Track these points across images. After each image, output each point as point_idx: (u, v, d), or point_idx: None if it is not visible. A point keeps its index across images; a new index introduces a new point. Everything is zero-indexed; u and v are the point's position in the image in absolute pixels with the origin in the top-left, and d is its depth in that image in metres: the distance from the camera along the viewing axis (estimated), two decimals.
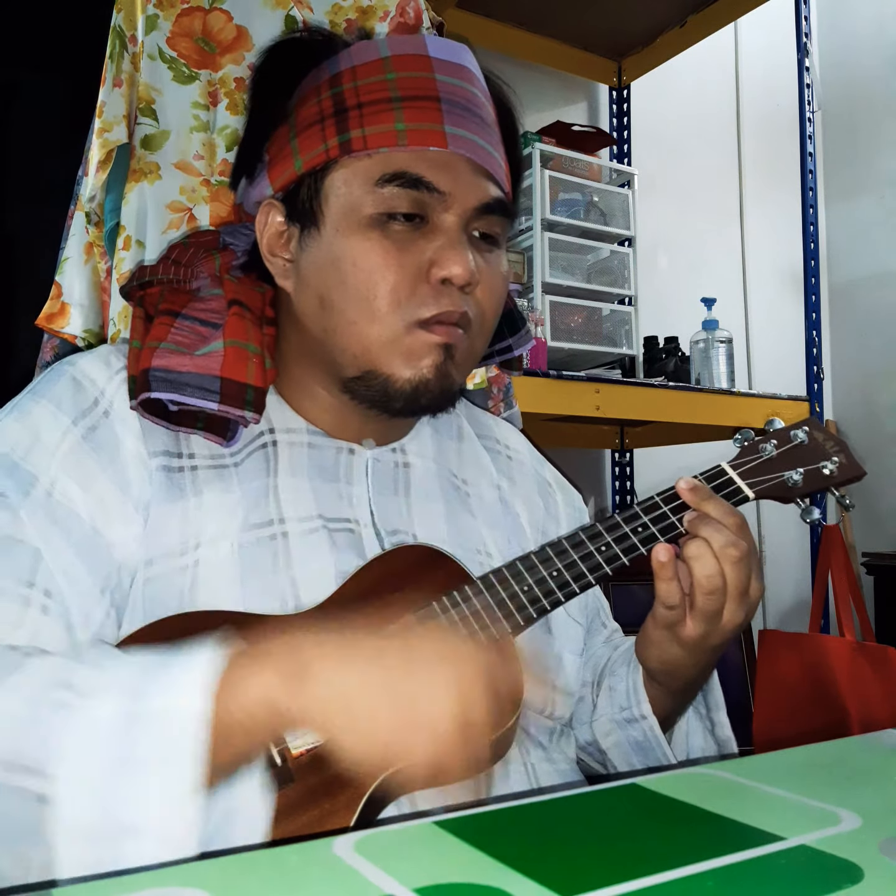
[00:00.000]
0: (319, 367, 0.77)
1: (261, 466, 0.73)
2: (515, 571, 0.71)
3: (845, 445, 0.81)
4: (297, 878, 0.38)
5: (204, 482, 0.71)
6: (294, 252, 0.76)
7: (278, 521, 0.71)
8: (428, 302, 0.70)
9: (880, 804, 0.45)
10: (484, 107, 0.76)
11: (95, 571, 0.66)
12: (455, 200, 0.71)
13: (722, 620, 0.70)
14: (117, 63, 1.11)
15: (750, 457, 0.78)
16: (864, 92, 2.97)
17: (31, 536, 0.64)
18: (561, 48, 2.40)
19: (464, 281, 0.71)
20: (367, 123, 0.71)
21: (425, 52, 0.74)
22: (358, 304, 0.71)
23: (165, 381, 0.69)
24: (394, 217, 0.70)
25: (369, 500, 0.76)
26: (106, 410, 0.71)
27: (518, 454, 0.93)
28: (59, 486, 0.66)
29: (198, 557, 0.68)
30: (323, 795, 0.60)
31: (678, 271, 2.64)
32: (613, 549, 0.73)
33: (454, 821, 0.44)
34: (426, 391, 0.72)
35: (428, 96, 0.72)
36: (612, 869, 0.38)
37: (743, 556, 0.69)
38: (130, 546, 0.67)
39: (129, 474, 0.69)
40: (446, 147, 0.71)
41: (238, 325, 0.74)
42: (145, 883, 0.37)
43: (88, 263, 1.15)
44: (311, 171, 0.73)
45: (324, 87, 0.74)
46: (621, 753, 0.82)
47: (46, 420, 0.69)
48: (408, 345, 0.71)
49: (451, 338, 0.72)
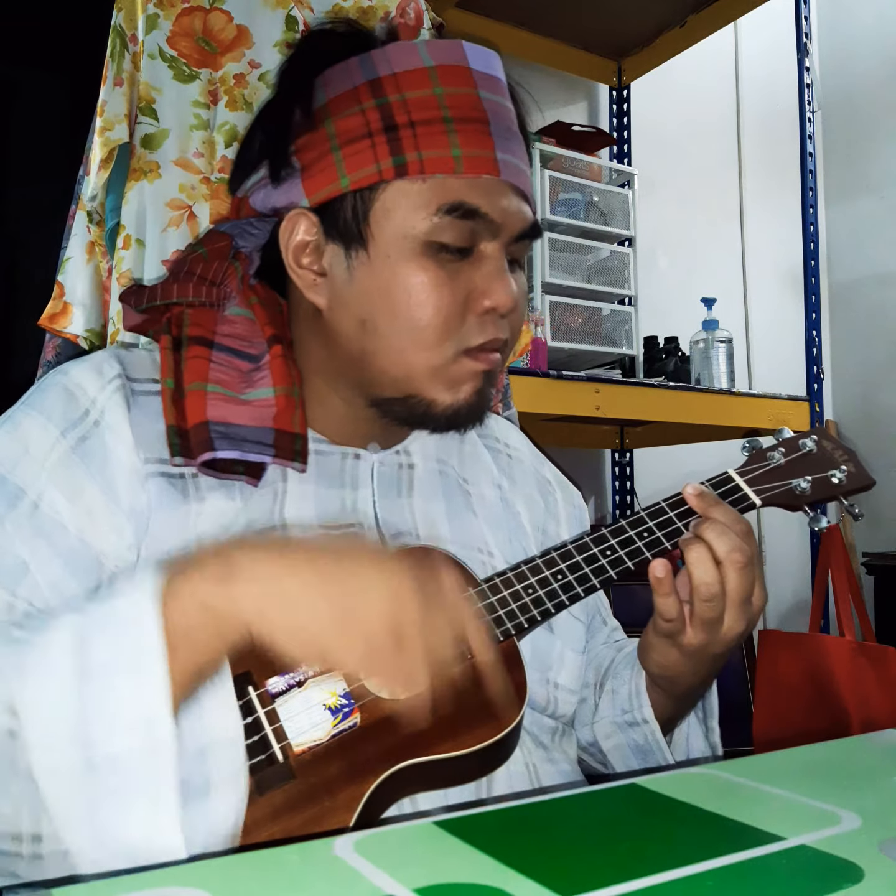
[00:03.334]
0: (344, 382, 0.76)
1: (267, 474, 0.73)
2: (520, 575, 0.71)
3: (854, 455, 0.80)
4: (297, 878, 0.38)
5: (206, 489, 0.70)
6: (327, 267, 0.74)
7: (281, 527, 0.71)
8: (475, 331, 0.72)
9: (880, 804, 0.45)
10: (514, 119, 0.76)
11: (83, 581, 0.65)
12: (503, 229, 0.72)
13: (723, 628, 0.70)
14: (118, 62, 1.11)
15: (757, 464, 0.78)
16: (864, 92, 2.97)
17: (17, 548, 0.64)
18: (561, 48, 2.40)
19: (508, 310, 0.72)
20: (422, 146, 0.69)
21: (466, 64, 0.72)
22: (409, 333, 0.71)
23: (226, 438, 0.68)
24: (446, 247, 0.70)
25: (374, 503, 0.77)
26: (97, 420, 0.70)
27: (518, 452, 0.93)
28: (46, 499, 0.66)
29: None
30: (324, 793, 0.61)
31: (678, 271, 2.64)
32: (619, 553, 0.73)
33: (454, 821, 0.44)
34: (466, 414, 0.74)
35: (477, 118, 0.71)
36: (612, 869, 0.38)
37: (748, 563, 0.69)
38: (123, 555, 0.67)
39: (119, 484, 0.68)
40: (499, 175, 0.71)
41: (283, 368, 0.73)
42: (145, 883, 0.37)
43: (90, 263, 1.16)
44: (358, 189, 0.71)
45: (363, 93, 0.71)
46: (621, 756, 0.83)
47: (36, 432, 0.69)
48: (453, 372, 0.72)
49: (492, 364, 0.74)
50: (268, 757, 0.61)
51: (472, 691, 0.64)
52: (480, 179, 0.70)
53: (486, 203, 0.70)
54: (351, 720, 0.63)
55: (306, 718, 0.62)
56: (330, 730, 0.62)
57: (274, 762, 0.61)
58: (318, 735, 0.62)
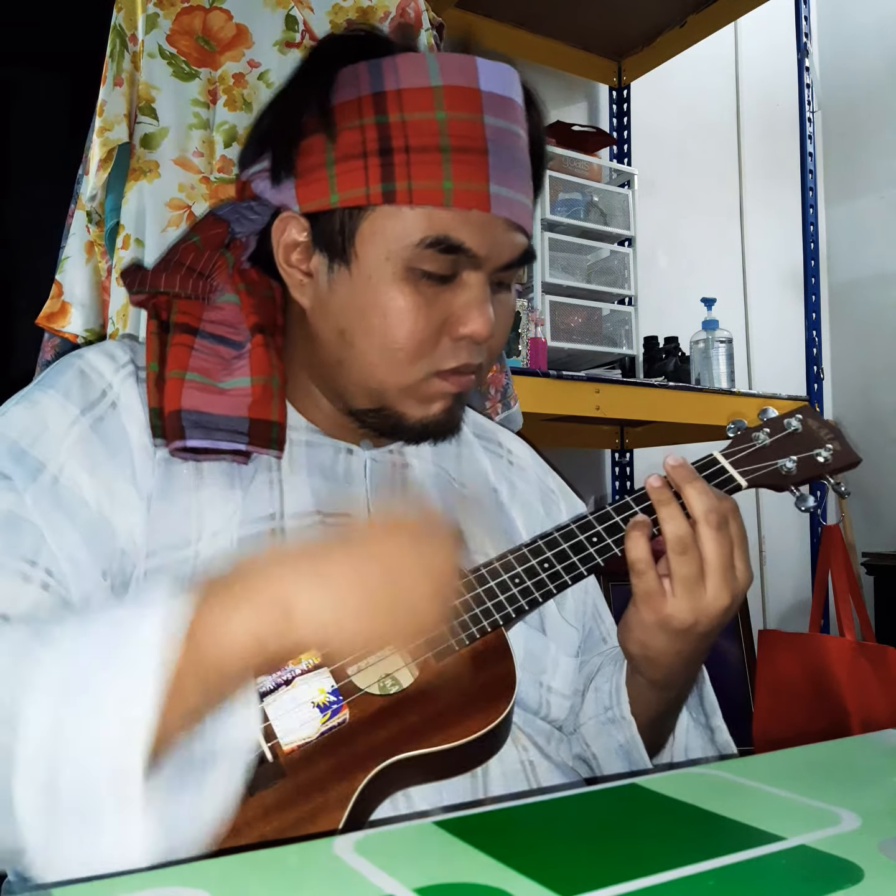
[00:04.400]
0: (325, 385, 0.78)
1: (264, 462, 0.74)
2: (506, 563, 0.72)
3: (840, 432, 0.80)
4: (297, 878, 0.38)
5: (206, 477, 0.72)
6: (314, 271, 0.75)
7: (278, 517, 0.72)
8: (447, 355, 0.72)
9: (880, 804, 0.45)
10: (523, 144, 0.74)
11: (99, 555, 0.66)
12: (487, 261, 0.72)
13: (706, 597, 0.68)
14: (118, 62, 1.11)
15: (742, 445, 0.78)
16: (864, 92, 2.97)
17: (35, 518, 0.65)
18: (561, 48, 2.40)
19: (483, 339, 0.72)
20: (413, 176, 0.69)
21: (476, 85, 0.71)
22: (381, 352, 0.72)
23: (198, 427, 0.70)
24: (428, 274, 0.70)
25: (367, 499, 0.77)
26: (113, 402, 0.72)
27: (520, 460, 0.93)
28: (66, 473, 0.67)
29: (198, 550, 0.69)
30: (314, 791, 0.61)
31: (678, 271, 2.64)
32: (605, 539, 0.73)
33: (454, 821, 0.44)
34: (435, 429, 0.76)
35: (477, 148, 0.70)
36: (612, 869, 0.37)
37: (723, 523, 0.68)
38: (134, 534, 0.68)
39: (136, 464, 0.70)
40: (489, 211, 0.70)
41: (263, 358, 0.74)
42: (145, 883, 0.37)
43: (89, 262, 1.16)
44: (346, 208, 0.71)
45: (366, 107, 0.70)
46: (608, 759, 0.81)
47: (55, 410, 0.70)
48: (423, 390, 0.73)
49: (463, 387, 0.75)
50: (257, 756, 0.61)
51: (460, 683, 0.65)
52: (470, 213, 0.70)
53: (470, 238, 0.70)
54: (340, 717, 0.63)
55: (295, 717, 0.63)
56: (319, 727, 0.63)
57: (264, 761, 0.61)
58: (307, 733, 0.62)
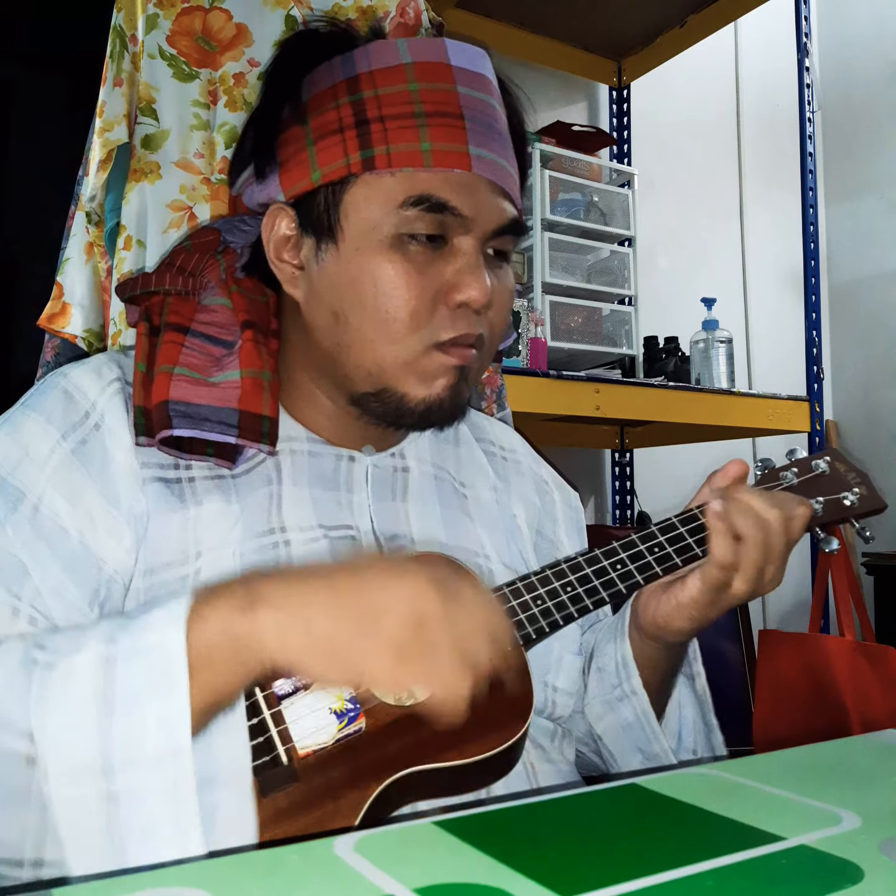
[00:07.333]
0: (326, 378, 0.77)
1: (262, 476, 0.73)
2: (529, 585, 0.71)
3: (867, 477, 0.80)
4: (297, 878, 0.38)
5: (203, 493, 0.70)
6: (305, 261, 0.74)
7: (280, 530, 0.71)
8: (446, 325, 0.71)
9: (880, 804, 0.45)
10: (500, 118, 0.75)
11: (83, 585, 0.65)
12: (476, 224, 0.71)
13: (765, 578, 0.72)
14: (117, 62, 1.11)
15: (769, 484, 0.78)
16: (864, 92, 2.97)
17: (17, 550, 0.64)
18: (561, 48, 2.40)
19: (481, 305, 0.71)
20: (391, 140, 0.69)
21: (446, 61, 0.72)
22: (376, 325, 0.70)
23: (185, 417, 0.68)
24: (415, 238, 0.70)
25: (369, 507, 0.76)
26: (97, 423, 0.70)
27: (513, 454, 0.93)
28: (46, 502, 0.66)
29: (199, 566, 0.67)
30: (327, 797, 0.60)
31: (678, 271, 2.64)
32: (629, 567, 0.72)
33: (454, 821, 0.44)
34: (439, 410, 0.73)
35: (452, 113, 0.71)
36: (612, 869, 0.37)
37: (766, 539, 0.71)
38: (122, 559, 0.67)
39: (119, 487, 0.68)
40: (470, 170, 0.70)
41: (253, 352, 0.73)
42: (145, 883, 0.37)
43: (89, 263, 1.15)
44: (329, 184, 0.72)
45: (341, 90, 0.72)
46: (613, 737, 0.82)
47: (36, 434, 0.69)
48: (424, 366, 0.72)
49: (465, 360, 0.73)
50: (272, 759, 0.61)
51: (478, 699, 0.64)
52: (451, 174, 0.70)
53: (455, 197, 0.70)
54: (356, 725, 0.63)
55: (312, 721, 0.62)
56: (335, 734, 0.62)
57: (278, 764, 0.61)
58: (323, 738, 0.62)
